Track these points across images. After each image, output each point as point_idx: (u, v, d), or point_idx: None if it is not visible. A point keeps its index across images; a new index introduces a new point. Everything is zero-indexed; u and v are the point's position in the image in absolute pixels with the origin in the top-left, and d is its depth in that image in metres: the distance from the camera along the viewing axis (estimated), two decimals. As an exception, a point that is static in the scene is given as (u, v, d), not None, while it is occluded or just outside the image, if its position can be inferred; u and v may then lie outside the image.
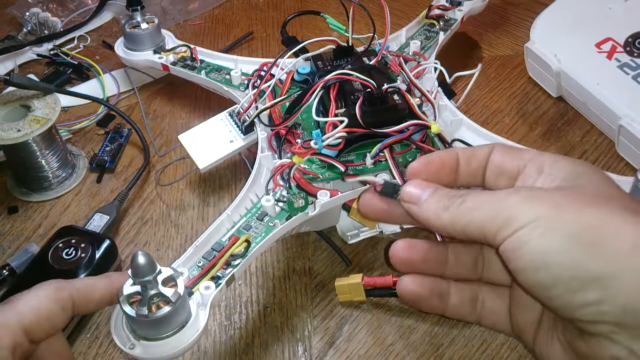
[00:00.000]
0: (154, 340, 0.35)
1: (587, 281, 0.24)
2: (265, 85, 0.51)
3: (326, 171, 0.46)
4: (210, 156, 0.51)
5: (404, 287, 0.33)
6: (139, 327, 0.35)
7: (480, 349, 0.44)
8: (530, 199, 0.27)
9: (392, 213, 0.33)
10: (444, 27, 0.62)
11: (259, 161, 0.47)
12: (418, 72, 0.54)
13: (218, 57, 0.60)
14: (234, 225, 0.43)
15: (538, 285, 0.26)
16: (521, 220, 0.26)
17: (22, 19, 0.76)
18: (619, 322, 0.24)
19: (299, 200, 0.43)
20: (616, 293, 0.24)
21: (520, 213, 0.26)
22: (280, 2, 0.81)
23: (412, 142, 0.46)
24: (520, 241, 0.26)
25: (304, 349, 0.44)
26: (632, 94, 0.54)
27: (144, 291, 0.33)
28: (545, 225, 0.25)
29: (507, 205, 0.27)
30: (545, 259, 0.25)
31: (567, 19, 0.61)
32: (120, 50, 0.63)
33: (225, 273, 0.39)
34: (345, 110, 0.46)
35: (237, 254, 0.40)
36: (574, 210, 0.26)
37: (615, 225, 0.25)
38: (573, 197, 0.27)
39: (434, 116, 0.49)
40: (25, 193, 0.57)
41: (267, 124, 0.50)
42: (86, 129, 0.63)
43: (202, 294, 0.37)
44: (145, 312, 0.33)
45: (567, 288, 0.25)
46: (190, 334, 0.35)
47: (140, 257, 0.32)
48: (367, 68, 0.50)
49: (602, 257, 0.24)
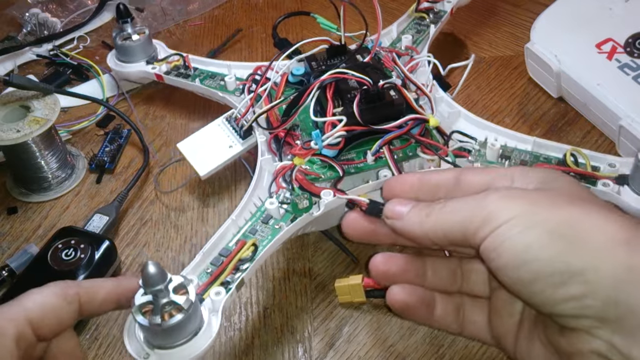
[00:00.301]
0: (168, 349, 0.35)
1: (569, 275, 0.25)
2: (262, 89, 0.51)
3: (327, 171, 0.46)
4: (211, 163, 0.51)
5: (394, 296, 0.34)
6: (152, 337, 0.35)
7: (481, 350, 0.43)
8: (507, 198, 0.27)
9: (378, 232, 0.33)
10: (434, 19, 0.62)
11: (259, 165, 0.47)
12: (412, 67, 0.54)
13: (211, 64, 0.60)
14: (239, 230, 0.43)
15: (519, 282, 0.26)
16: (499, 219, 0.26)
17: (21, 20, 0.75)
18: (600, 315, 0.24)
19: (303, 201, 0.43)
20: (598, 287, 0.24)
21: (499, 211, 0.26)
22: (280, 2, 0.81)
23: (411, 136, 0.46)
24: (499, 239, 0.26)
25: (304, 350, 0.44)
26: (633, 95, 0.54)
27: (156, 300, 0.33)
28: (523, 222, 0.26)
29: (485, 205, 0.27)
30: (525, 256, 0.25)
31: (568, 19, 0.61)
32: (112, 62, 0.63)
33: (235, 278, 0.39)
34: (342, 109, 0.46)
35: (245, 259, 0.40)
36: (552, 207, 0.26)
37: (594, 221, 0.25)
38: (549, 196, 0.27)
39: (431, 109, 0.50)
40: (25, 194, 0.57)
41: (265, 127, 0.50)
42: (86, 130, 0.63)
43: (213, 299, 0.37)
44: (159, 320, 0.33)
45: (549, 283, 0.25)
46: (203, 341, 0.35)
47: (151, 266, 0.32)
48: (362, 65, 0.50)
49: (583, 252, 0.25)
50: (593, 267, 0.24)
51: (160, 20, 0.76)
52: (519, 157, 0.46)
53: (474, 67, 0.67)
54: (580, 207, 0.26)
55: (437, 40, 0.63)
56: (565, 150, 0.46)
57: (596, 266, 0.24)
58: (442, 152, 0.46)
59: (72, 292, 0.33)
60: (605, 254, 0.24)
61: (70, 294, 0.33)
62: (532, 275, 0.25)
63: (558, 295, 0.25)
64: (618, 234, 0.24)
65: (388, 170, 0.45)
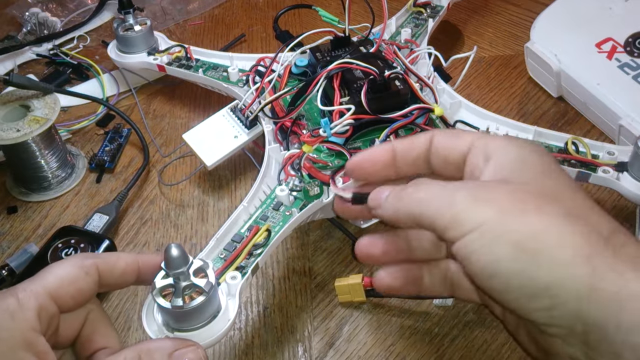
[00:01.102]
0: (188, 332, 0.35)
1: (536, 289, 0.25)
2: (267, 81, 0.52)
3: (335, 159, 0.47)
4: (217, 153, 0.52)
5: (379, 281, 0.34)
6: (173, 319, 0.35)
7: (481, 349, 0.43)
8: (476, 201, 0.27)
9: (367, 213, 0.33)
10: (431, 14, 0.63)
11: (267, 154, 0.48)
12: (412, 59, 0.55)
13: (213, 55, 0.60)
14: (250, 216, 0.44)
15: (492, 290, 0.26)
16: (467, 224, 0.26)
17: (21, 19, 0.75)
18: (569, 327, 0.25)
19: (314, 188, 0.44)
20: (564, 301, 0.24)
21: (467, 214, 0.26)
22: (281, 1, 0.81)
23: (416, 125, 0.47)
24: (468, 249, 0.26)
25: (303, 349, 0.44)
26: (633, 94, 0.54)
27: (177, 283, 0.34)
28: (491, 232, 0.26)
29: (454, 203, 0.27)
30: (496, 268, 0.26)
31: (568, 19, 0.61)
32: (113, 53, 0.64)
33: (249, 262, 0.40)
34: (349, 98, 0.47)
35: (259, 244, 0.41)
36: (519, 215, 0.26)
37: (560, 234, 0.25)
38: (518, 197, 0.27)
39: (434, 99, 0.51)
40: (25, 193, 0.57)
41: (271, 117, 0.51)
42: (86, 129, 0.63)
43: (229, 283, 0.38)
44: (181, 303, 0.33)
45: (520, 294, 0.25)
46: (222, 324, 0.36)
47: (174, 249, 0.33)
48: (367, 56, 0.51)
49: (548, 267, 0.25)
50: (557, 283, 0.24)
51: (160, 19, 0.76)
52: None
53: (474, 66, 0.67)
54: (546, 215, 0.26)
55: (436, 34, 0.64)
56: (566, 139, 0.47)
57: (560, 283, 0.24)
58: None
59: (89, 262, 0.33)
60: (569, 270, 0.24)
61: (87, 265, 0.33)
62: (504, 286, 0.26)
63: (530, 305, 0.25)
64: (582, 250, 0.25)
65: None
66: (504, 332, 0.44)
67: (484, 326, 0.45)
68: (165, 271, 0.34)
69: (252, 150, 0.57)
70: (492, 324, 0.45)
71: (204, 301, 0.34)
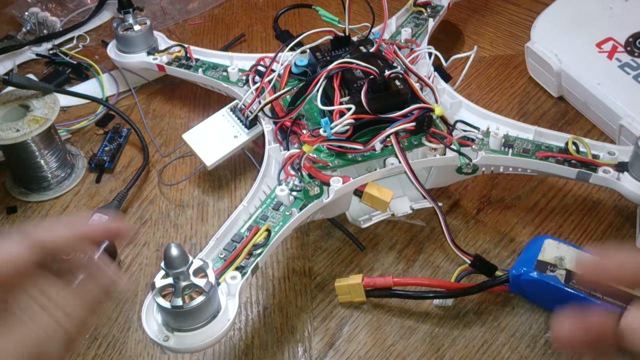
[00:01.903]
0: (187, 332, 0.35)
1: None
2: (266, 80, 0.52)
3: (335, 159, 0.47)
4: (217, 152, 0.52)
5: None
6: (173, 319, 0.35)
7: (481, 349, 0.43)
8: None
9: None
10: (431, 13, 0.63)
11: (267, 153, 0.48)
12: (413, 59, 0.55)
13: (213, 55, 0.60)
14: (250, 216, 0.44)
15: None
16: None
17: (21, 19, 0.75)
18: None
19: (314, 187, 0.44)
20: None
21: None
22: (281, 1, 0.81)
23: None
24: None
25: (303, 349, 0.44)
26: (633, 94, 0.54)
27: (177, 283, 0.34)
28: None
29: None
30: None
31: (568, 18, 0.61)
32: (112, 53, 0.64)
33: (249, 262, 0.40)
34: (349, 98, 0.47)
35: (259, 244, 0.41)
36: None
37: None
38: None
39: (434, 99, 0.51)
40: (24, 193, 0.57)
41: (271, 116, 0.51)
42: (85, 129, 0.63)
43: (229, 283, 0.38)
44: (180, 303, 0.34)
45: None
46: (221, 324, 0.36)
47: (174, 249, 0.33)
48: (366, 56, 0.51)
49: None
50: None
51: (160, 19, 0.76)
52: (521, 146, 0.48)
53: (475, 66, 0.67)
54: None
55: (436, 34, 0.64)
56: (566, 139, 0.47)
57: None
58: (447, 141, 0.47)
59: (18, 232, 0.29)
60: None
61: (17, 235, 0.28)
62: None
63: None
64: None
65: (395, 159, 0.46)
66: (504, 332, 0.44)
67: (484, 326, 0.45)
68: (165, 271, 0.34)
69: (252, 150, 0.57)
70: (492, 324, 0.45)
71: (203, 301, 0.34)
